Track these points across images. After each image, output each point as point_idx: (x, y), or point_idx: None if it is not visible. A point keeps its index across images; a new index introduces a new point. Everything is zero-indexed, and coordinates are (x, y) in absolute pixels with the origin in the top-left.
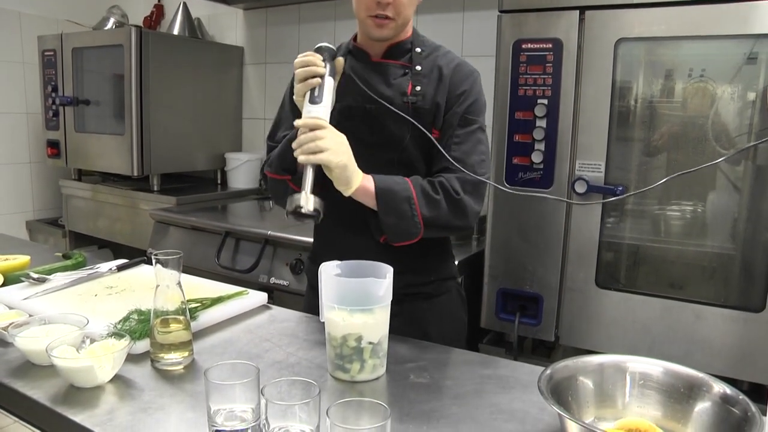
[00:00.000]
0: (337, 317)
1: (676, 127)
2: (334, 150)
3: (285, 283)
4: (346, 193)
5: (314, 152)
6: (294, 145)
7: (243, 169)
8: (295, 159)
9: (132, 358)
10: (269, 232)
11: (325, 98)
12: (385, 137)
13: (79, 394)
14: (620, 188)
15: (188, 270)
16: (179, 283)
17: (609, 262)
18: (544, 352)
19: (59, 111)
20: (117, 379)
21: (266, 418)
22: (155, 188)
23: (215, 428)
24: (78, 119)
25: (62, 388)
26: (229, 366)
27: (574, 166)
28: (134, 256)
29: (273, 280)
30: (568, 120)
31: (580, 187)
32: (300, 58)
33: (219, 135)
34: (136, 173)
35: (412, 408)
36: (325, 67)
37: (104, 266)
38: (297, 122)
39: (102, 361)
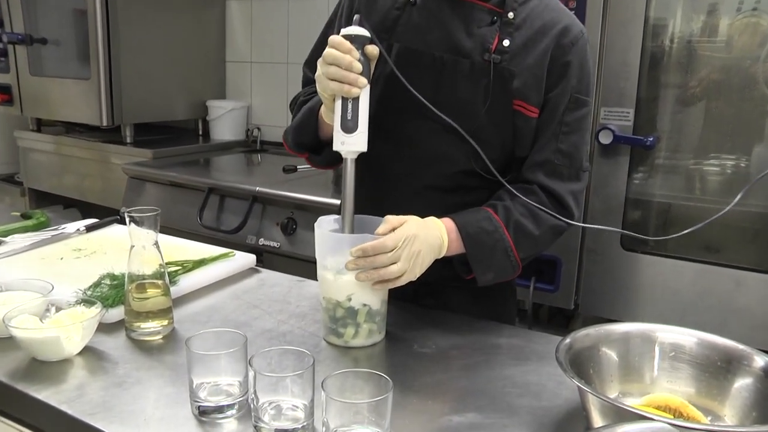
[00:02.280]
0: (329, 275)
1: (718, 70)
2: (411, 268)
3: (275, 244)
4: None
5: (387, 280)
6: (350, 266)
7: (227, 119)
8: (316, 134)
9: (104, 328)
10: (257, 188)
11: (361, 121)
12: (453, 100)
13: (43, 368)
14: (651, 139)
15: (167, 231)
16: (156, 244)
17: (636, 222)
18: (561, 321)
19: (8, 50)
20: (87, 351)
21: (255, 392)
22: (128, 140)
23: (198, 404)
24: (33, 61)
25: (23, 362)
26: (213, 335)
27: (598, 114)
28: (106, 216)
29: (262, 241)
30: (593, 59)
31: (605, 138)
32: (333, 54)
33: (200, 80)
34: (105, 123)
35: (416, 380)
36: (362, 72)
37: (71, 227)
38: (352, 252)
39: (69, 332)
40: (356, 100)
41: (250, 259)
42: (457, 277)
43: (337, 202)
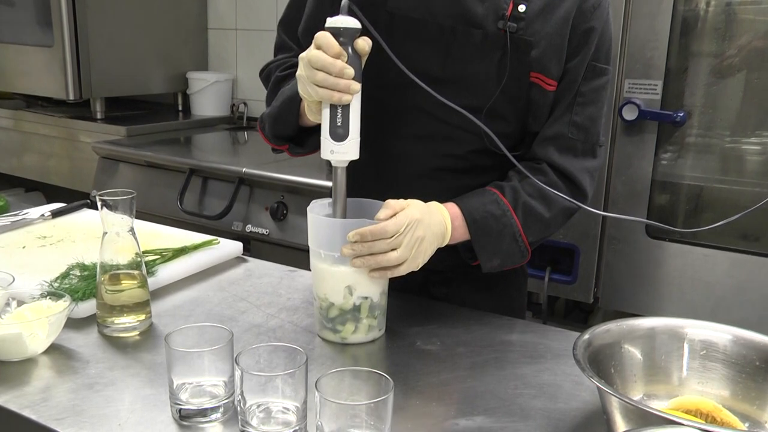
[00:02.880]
0: (323, 265)
1: (763, 36)
2: (414, 256)
3: (264, 231)
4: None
5: (386, 268)
6: (346, 252)
7: (209, 93)
8: (296, 124)
9: (73, 324)
10: (244, 170)
11: (353, 127)
12: (463, 76)
13: (3, 369)
14: (681, 115)
15: (144, 216)
16: (132, 230)
17: (663, 207)
18: (579, 316)
19: None
20: (54, 349)
21: (242, 393)
22: (99, 116)
23: (179, 406)
24: None
25: None
26: (195, 330)
27: (622, 87)
28: (74, 200)
29: (249, 227)
30: (617, 27)
31: (629, 113)
32: (320, 59)
33: (179, 49)
34: (72, 97)
35: (419, 380)
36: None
37: (34, 212)
38: (350, 236)
39: (33, 328)
40: (347, 106)
41: (236, 247)
42: (464, 264)
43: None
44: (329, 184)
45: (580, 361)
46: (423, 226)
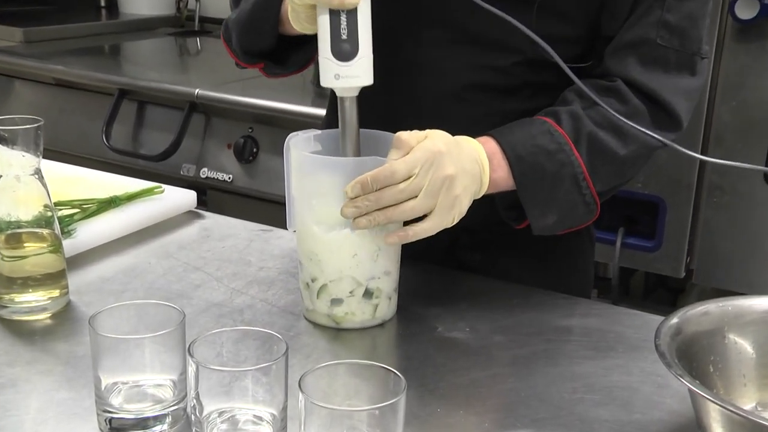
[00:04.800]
0: (314, 228)
1: None
2: (444, 205)
3: (226, 176)
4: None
5: (407, 234)
6: (347, 212)
7: None
8: (274, 34)
9: None
10: (197, 91)
11: (363, 40)
12: None
13: None
14: None
15: (56, 155)
16: (39, 173)
17: None
18: (664, 297)
19: None
20: None
21: (197, 397)
22: None
23: (109, 415)
24: None
25: None
26: (132, 311)
27: None
28: None
29: (206, 171)
30: None
31: (744, 10)
32: None
33: None
34: None
35: (441, 379)
36: None
37: None
38: (347, 190)
39: None
40: (353, 10)
41: (187, 198)
42: (502, 222)
43: (321, 112)
44: (317, 111)
45: (666, 355)
46: (451, 161)
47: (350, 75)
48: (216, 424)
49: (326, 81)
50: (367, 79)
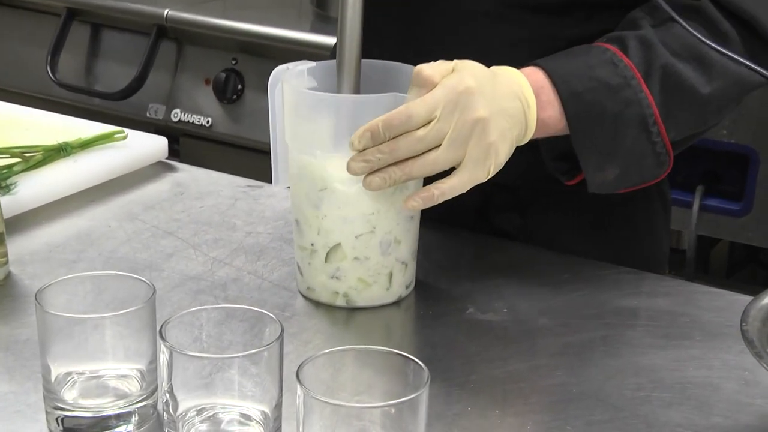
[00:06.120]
0: (316, 183)
1: None
2: (475, 156)
3: (204, 120)
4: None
5: (432, 194)
6: (355, 166)
7: None
8: None
9: None
10: (167, 12)
11: None
12: None
13: None
14: None
15: None
16: None
17: None
18: (753, 273)
19: None
20: None
21: (170, 390)
22: None
23: (61, 413)
24: None
25: None
26: (88, 284)
27: None
28: None
29: (178, 113)
30: None
31: None
32: None
33: None
34: None
35: (472, 371)
36: None
37: None
38: (353, 140)
39: None
40: None
41: (156, 146)
42: (550, 177)
43: (320, 38)
44: (317, 38)
45: (755, 344)
46: (483, 99)
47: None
48: (194, 424)
49: None
50: None
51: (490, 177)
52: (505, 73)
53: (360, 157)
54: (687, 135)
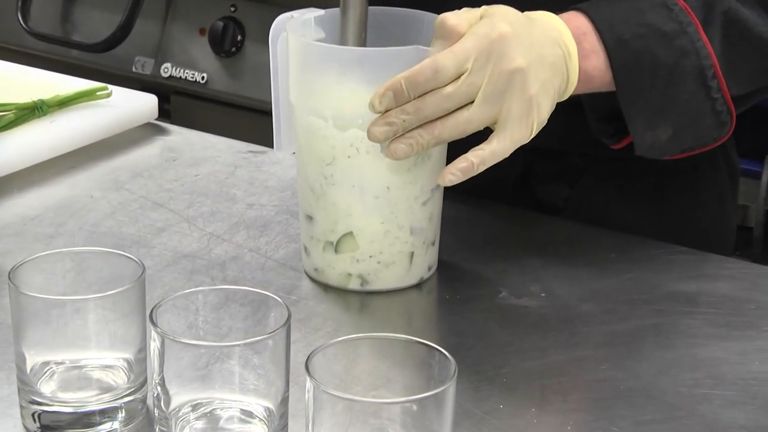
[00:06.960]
0: (328, 149)
1: None
2: (512, 113)
3: (199, 75)
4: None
5: (471, 164)
6: (379, 132)
7: None
8: None
9: None
10: None
11: None
12: None
13: None
14: None
15: None
16: None
17: None
18: None
19: None
20: None
21: (162, 382)
22: None
23: (39, 408)
24: None
25: None
26: (68, 261)
27: None
28: None
29: (168, 67)
30: None
31: None
32: None
33: None
34: None
35: (505, 363)
36: None
37: None
38: (373, 100)
39: None
40: None
41: (144, 105)
42: (596, 142)
43: None
44: None
45: None
46: (519, 47)
47: None
48: (188, 421)
49: None
50: None
51: (532, 137)
52: (541, 18)
53: (382, 120)
54: (752, 91)
